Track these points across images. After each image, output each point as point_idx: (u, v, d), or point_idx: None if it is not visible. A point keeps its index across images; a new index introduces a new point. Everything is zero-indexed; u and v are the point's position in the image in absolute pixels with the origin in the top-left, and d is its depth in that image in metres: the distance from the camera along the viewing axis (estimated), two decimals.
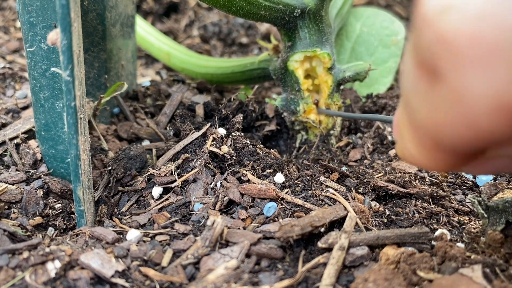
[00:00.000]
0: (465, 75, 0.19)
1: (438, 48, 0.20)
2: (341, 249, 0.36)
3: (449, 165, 0.26)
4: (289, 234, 0.36)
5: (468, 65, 0.19)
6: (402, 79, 0.25)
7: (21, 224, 0.43)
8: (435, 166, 0.26)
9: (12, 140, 0.51)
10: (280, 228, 0.37)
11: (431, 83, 0.21)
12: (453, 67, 0.19)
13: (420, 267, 0.33)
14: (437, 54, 0.20)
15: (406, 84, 0.24)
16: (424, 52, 0.21)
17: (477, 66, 0.19)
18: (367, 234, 0.37)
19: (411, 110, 0.24)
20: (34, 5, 0.42)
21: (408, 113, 0.25)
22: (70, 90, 0.37)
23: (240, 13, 0.48)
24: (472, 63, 0.19)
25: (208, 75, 0.65)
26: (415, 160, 0.28)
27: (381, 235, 0.37)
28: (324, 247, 0.36)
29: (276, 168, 0.48)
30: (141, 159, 0.51)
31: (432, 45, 0.20)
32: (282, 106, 0.55)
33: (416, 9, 0.21)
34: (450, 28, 0.19)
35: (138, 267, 0.36)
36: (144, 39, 0.72)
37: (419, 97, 0.23)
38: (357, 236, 0.37)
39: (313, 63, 0.53)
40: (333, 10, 0.58)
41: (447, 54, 0.19)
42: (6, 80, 0.65)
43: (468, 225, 0.40)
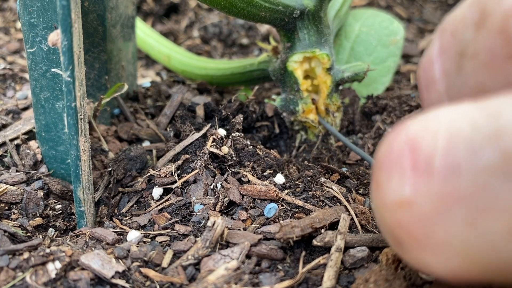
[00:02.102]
0: (422, 256, 0.23)
1: (399, 231, 0.23)
2: (338, 251, 0.36)
3: None
4: (289, 236, 0.36)
5: (423, 249, 0.23)
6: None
7: (22, 225, 0.43)
8: None
9: (12, 141, 0.51)
10: (280, 229, 0.37)
11: (399, 250, 0.25)
12: (412, 247, 0.23)
13: None
14: (399, 235, 0.23)
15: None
16: (388, 229, 0.24)
17: (431, 251, 0.22)
18: (363, 235, 0.37)
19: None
20: (34, 6, 0.42)
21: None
22: (70, 91, 0.37)
23: (241, 14, 0.48)
24: (426, 248, 0.22)
25: (208, 77, 0.65)
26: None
27: (376, 237, 0.37)
28: (319, 245, 0.36)
29: (276, 168, 0.48)
30: (142, 160, 0.51)
31: (394, 228, 0.23)
32: (282, 106, 0.55)
33: (377, 195, 0.24)
34: (407, 222, 0.23)
35: (139, 267, 0.36)
36: (144, 41, 0.72)
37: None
38: (352, 237, 0.37)
39: (312, 63, 0.53)
40: (332, 11, 0.58)
41: (406, 237, 0.23)
42: (6, 81, 0.65)
43: None
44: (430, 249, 0.22)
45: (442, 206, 0.21)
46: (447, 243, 0.22)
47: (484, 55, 0.23)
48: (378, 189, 0.24)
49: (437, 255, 0.22)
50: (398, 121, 0.55)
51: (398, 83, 0.69)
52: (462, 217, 0.21)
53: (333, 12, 0.58)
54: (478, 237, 0.21)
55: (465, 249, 0.21)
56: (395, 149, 0.23)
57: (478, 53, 0.23)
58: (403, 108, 0.57)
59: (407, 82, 0.70)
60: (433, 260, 0.23)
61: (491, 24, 0.22)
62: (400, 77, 0.72)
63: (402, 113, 0.56)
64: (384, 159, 0.24)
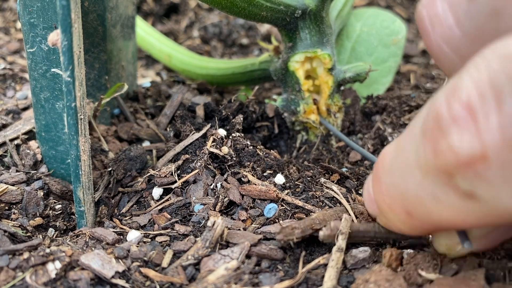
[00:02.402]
0: (500, 195, 0.23)
1: (478, 183, 0.23)
2: (340, 251, 0.36)
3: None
4: (290, 237, 0.36)
5: (502, 191, 0.23)
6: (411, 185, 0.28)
7: (22, 225, 0.43)
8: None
9: (12, 141, 0.51)
10: (281, 231, 0.37)
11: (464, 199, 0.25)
12: (492, 193, 0.23)
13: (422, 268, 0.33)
14: (476, 186, 0.23)
15: (420, 192, 0.27)
16: (462, 185, 0.24)
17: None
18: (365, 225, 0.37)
19: (422, 211, 0.28)
20: (34, 6, 0.42)
21: (413, 211, 0.29)
22: (70, 91, 0.37)
23: (242, 14, 0.48)
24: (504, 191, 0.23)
25: (208, 76, 0.65)
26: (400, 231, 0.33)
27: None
28: (326, 234, 0.36)
29: (277, 169, 0.48)
30: (142, 160, 0.51)
31: (472, 180, 0.23)
32: (283, 106, 0.55)
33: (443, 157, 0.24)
34: (485, 174, 0.23)
35: (139, 267, 0.36)
36: (145, 40, 0.72)
37: (443, 206, 0.26)
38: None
39: (313, 63, 0.53)
40: (334, 11, 0.58)
41: (485, 186, 0.23)
42: (6, 81, 0.65)
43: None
44: (505, 191, 0.23)
45: (510, 151, 0.21)
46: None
47: None
48: (444, 153, 0.24)
49: (510, 194, 0.23)
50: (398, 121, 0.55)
51: (398, 83, 0.69)
52: None
53: (335, 12, 0.58)
54: None
55: None
56: (456, 106, 0.23)
57: None
58: (403, 108, 0.57)
59: (407, 82, 0.70)
60: (507, 200, 0.23)
61: None
62: (400, 77, 0.72)
63: (402, 113, 0.56)
64: (443, 117, 0.24)
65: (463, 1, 0.25)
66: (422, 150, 0.25)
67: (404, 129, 0.32)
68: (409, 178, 0.27)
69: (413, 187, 0.27)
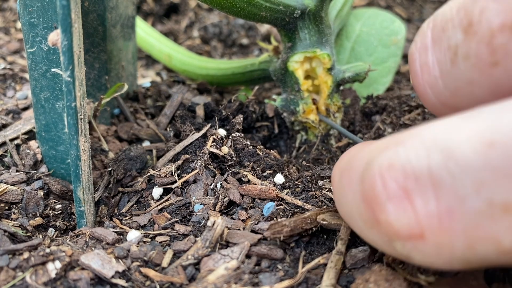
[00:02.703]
0: (427, 257, 0.26)
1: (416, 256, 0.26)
2: (339, 254, 0.36)
3: None
4: (277, 235, 0.37)
5: (432, 256, 0.26)
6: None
7: (22, 225, 0.43)
8: None
9: (12, 141, 0.51)
10: (270, 227, 0.37)
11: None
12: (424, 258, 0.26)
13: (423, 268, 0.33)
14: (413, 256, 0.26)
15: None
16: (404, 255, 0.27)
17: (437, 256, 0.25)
18: None
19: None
20: (34, 6, 0.42)
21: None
22: (70, 91, 0.37)
23: (241, 14, 0.48)
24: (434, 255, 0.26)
25: (208, 77, 0.65)
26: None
27: None
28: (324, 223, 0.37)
29: (276, 169, 0.48)
30: (142, 160, 0.51)
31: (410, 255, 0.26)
32: (282, 106, 0.55)
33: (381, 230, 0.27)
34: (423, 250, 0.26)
35: (139, 267, 0.36)
36: (145, 40, 0.72)
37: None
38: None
39: (313, 63, 0.53)
40: (333, 11, 0.58)
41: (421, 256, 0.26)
42: (6, 81, 0.65)
43: None
44: (438, 261, 0.25)
45: (446, 236, 0.24)
46: (452, 257, 0.24)
47: (474, 59, 0.26)
48: (383, 224, 0.26)
49: (442, 263, 0.25)
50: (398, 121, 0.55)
51: (398, 83, 0.69)
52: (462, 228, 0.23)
53: (335, 12, 0.58)
54: (474, 255, 0.24)
55: (466, 259, 0.24)
56: (392, 185, 0.25)
57: (469, 57, 0.26)
58: (403, 108, 0.57)
59: (407, 82, 0.70)
60: (439, 265, 0.25)
61: (480, 36, 0.25)
62: (400, 77, 0.72)
63: (402, 113, 0.56)
64: (379, 193, 0.26)
65: (448, 62, 0.28)
66: (364, 211, 0.27)
67: (342, 162, 0.33)
68: (354, 220, 0.30)
69: (358, 228, 0.30)
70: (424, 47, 0.29)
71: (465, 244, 0.23)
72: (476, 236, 0.23)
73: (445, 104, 0.29)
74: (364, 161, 0.28)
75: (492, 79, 0.25)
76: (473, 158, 0.22)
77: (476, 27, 0.26)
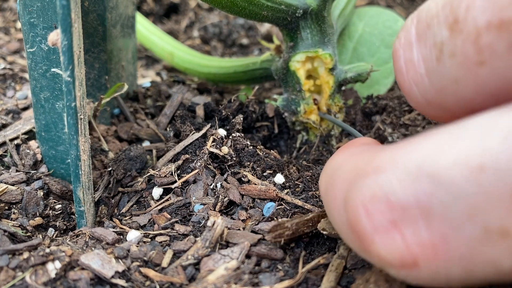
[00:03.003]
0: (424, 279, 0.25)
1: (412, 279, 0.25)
2: (341, 258, 0.36)
3: None
4: (278, 239, 0.37)
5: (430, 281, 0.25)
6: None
7: (21, 225, 0.43)
8: None
9: (12, 140, 0.51)
10: (271, 230, 0.36)
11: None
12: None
13: None
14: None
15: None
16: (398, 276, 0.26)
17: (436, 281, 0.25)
18: None
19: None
20: (34, 6, 0.42)
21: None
22: (70, 91, 0.37)
23: (242, 13, 0.48)
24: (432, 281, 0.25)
25: (210, 75, 0.65)
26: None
27: None
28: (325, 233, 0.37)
29: (276, 169, 0.48)
30: (141, 160, 0.51)
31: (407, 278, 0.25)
32: (283, 106, 0.55)
33: (375, 257, 0.25)
34: (418, 276, 0.25)
35: (138, 267, 0.36)
36: (147, 38, 0.72)
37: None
38: None
39: (315, 63, 0.53)
40: (336, 10, 0.58)
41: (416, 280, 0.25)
42: (6, 81, 0.65)
43: None
44: (435, 285, 0.25)
45: (442, 263, 0.23)
46: (449, 282, 0.24)
47: (460, 57, 0.25)
48: (373, 255, 0.25)
49: (436, 281, 0.24)
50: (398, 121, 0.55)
51: None
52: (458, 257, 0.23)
53: (337, 11, 0.58)
54: (472, 278, 0.23)
55: (464, 283, 0.24)
56: (378, 217, 0.24)
57: (455, 55, 0.25)
58: (403, 108, 0.57)
59: None
60: (433, 283, 0.25)
61: (466, 34, 0.25)
62: None
63: (402, 114, 0.56)
64: (364, 225, 0.25)
65: (433, 59, 0.27)
66: (351, 237, 0.26)
67: (323, 183, 0.32)
68: (345, 239, 0.29)
69: (350, 245, 0.28)
70: (408, 43, 0.28)
71: (463, 269, 0.23)
72: (474, 261, 0.22)
73: (431, 103, 0.28)
74: (346, 180, 0.27)
75: (478, 79, 0.25)
76: (464, 185, 0.22)
77: (462, 24, 0.25)
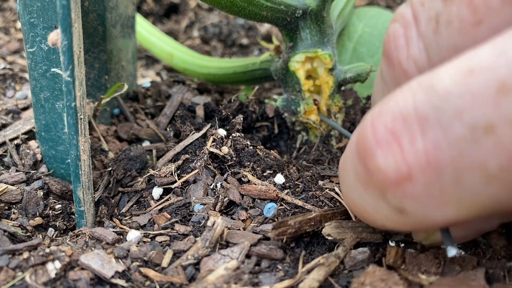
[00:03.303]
0: (423, 212, 0.26)
1: (405, 201, 0.26)
2: (336, 257, 0.36)
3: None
4: (281, 237, 0.37)
5: (425, 208, 0.26)
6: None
7: (21, 225, 0.43)
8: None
9: (12, 140, 0.51)
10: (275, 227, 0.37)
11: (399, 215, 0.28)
12: (416, 209, 0.26)
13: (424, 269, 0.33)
14: (402, 203, 0.27)
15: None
16: (393, 202, 0.27)
17: (431, 208, 0.26)
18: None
19: (369, 220, 0.31)
20: (34, 6, 0.42)
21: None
22: (70, 91, 0.37)
23: (242, 13, 0.48)
24: (427, 206, 0.26)
25: (210, 76, 0.65)
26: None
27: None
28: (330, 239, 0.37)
29: (276, 169, 0.48)
30: (141, 160, 0.51)
31: (400, 200, 0.27)
32: (283, 106, 0.55)
33: (372, 178, 0.27)
34: (412, 193, 0.26)
35: (138, 267, 0.36)
36: (146, 39, 0.72)
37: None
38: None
39: (314, 64, 0.53)
40: (335, 11, 0.58)
41: (411, 203, 0.26)
42: (6, 81, 0.65)
43: None
44: (430, 207, 0.26)
45: (434, 172, 0.24)
46: (443, 199, 0.25)
47: (456, 23, 0.26)
48: (374, 173, 0.27)
49: (435, 209, 0.26)
50: None
51: None
52: (450, 175, 0.24)
53: (337, 11, 0.58)
54: (464, 190, 0.24)
55: (457, 200, 0.25)
56: (381, 129, 0.26)
57: (452, 21, 0.27)
58: None
59: None
60: (433, 214, 0.26)
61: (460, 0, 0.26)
62: None
63: None
64: (369, 140, 0.27)
65: (430, 33, 0.28)
66: (358, 167, 0.28)
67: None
68: (354, 190, 0.30)
69: (358, 199, 0.30)
70: (406, 25, 0.30)
71: (453, 177, 0.24)
72: (462, 166, 0.24)
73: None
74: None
75: (477, 39, 0.26)
76: (453, 87, 0.23)
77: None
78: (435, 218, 0.26)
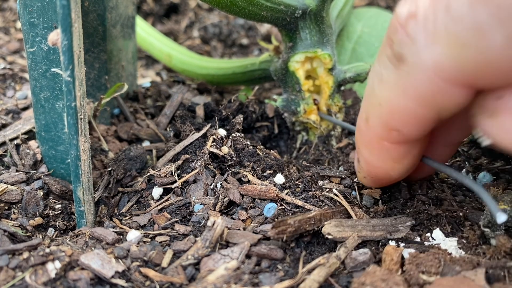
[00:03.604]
0: (425, 47, 0.29)
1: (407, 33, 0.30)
2: (337, 259, 0.36)
3: (400, 157, 0.35)
4: (281, 235, 0.37)
5: (426, 44, 0.29)
6: (371, 80, 0.34)
7: (21, 225, 0.43)
8: (389, 163, 0.36)
9: (12, 140, 0.51)
10: (275, 226, 0.37)
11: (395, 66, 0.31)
12: (421, 43, 0.29)
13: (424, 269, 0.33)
14: (404, 38, 0.30)
15: (374, 79, 0.34)
16: (398, 39, 0.31)
17: (432, 43, 0.29)
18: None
19: (373, 100, 0.34)
20: (34, 6, 0.42)
21: (369, 107, 0.35)
22: (70, 91, 0.37)
23: (242, 13, 0.48)
24: (428, 42, 0.29)
25: (209, 76, 0.65)
26: (372, 166, 0.37)
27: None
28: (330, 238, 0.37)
29: (276, 169, 0.48)
30: (141, 160, 0.51)
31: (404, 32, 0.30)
32: (283, 106, 0.55)
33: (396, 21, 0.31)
34: (415, 28, 0.30)
35: (138, 267, 0.36)
36: (145, 40, 0.72)
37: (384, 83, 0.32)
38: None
39: (314, 64, 0.53)
40: (334, 11, 0.58)
41: (414, 35, 0.30)
42: (6, 81, 0.65)
43: (466, 229, 0.39)
44: (423, 46, 0.29)
45: (431, 9, 0.28)
46: (435, 35, 0.28)
47: None
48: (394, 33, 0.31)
49: (426, 48, 0.29)
50: None
51: None
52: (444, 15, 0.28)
53: (336, 12, 0.58)
54: (452, 19, 0.28)
55: (446, 35, 0.28)
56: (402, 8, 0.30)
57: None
58: None
59: None
60: (425, 56, 0.29)
61: None
62: None
63: None
64: (396, 21, 0.31)
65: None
66: (382, 48, 0.32)
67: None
68: (372, 78, 0.34)
69: (371, 79, 0.34)
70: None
71: (444, 6, 0.27)
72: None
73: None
74: None
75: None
76: None
77: None
78: (429, 64, 0.29)
